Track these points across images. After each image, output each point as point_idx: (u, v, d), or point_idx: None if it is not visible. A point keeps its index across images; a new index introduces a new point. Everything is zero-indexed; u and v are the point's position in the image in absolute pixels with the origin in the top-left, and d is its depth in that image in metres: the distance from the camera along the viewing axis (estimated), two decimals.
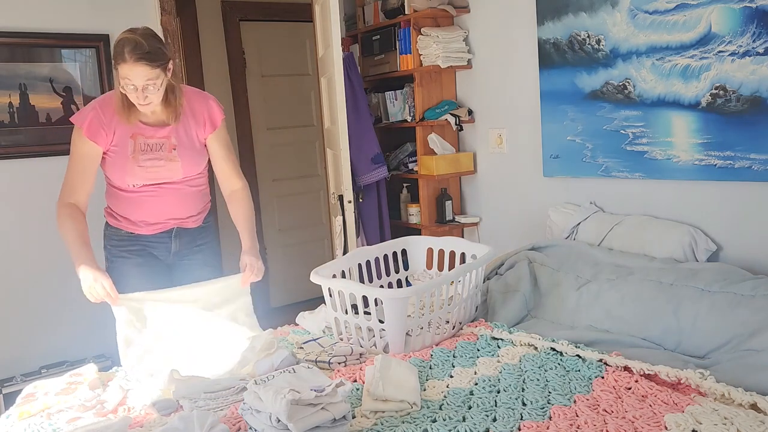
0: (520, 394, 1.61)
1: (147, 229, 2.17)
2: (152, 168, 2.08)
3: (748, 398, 1.49)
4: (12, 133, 2.87)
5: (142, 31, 1.95)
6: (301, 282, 2.71)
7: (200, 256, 2.26)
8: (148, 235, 2.18)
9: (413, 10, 3.28)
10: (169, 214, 2.18)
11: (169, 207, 2.17)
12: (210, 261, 2.30)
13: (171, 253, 2.22)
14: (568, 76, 2.75)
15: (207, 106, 2.16)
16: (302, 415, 1.35)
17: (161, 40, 2.01)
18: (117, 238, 2.18)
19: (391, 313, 1.89)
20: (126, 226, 2.16)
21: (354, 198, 3.07)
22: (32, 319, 2.96)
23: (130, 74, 1.90)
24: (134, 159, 2.05)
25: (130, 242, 2.18)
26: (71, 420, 1.58)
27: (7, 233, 2.89)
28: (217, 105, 2.18)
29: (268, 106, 4.47)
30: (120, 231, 2.18)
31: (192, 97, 2.14)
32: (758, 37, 2.14)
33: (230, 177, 2.23)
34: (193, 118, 2.12)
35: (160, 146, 2.08)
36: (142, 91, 1.93)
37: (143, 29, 1.97)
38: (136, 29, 1.96)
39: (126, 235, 2.17)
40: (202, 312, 1.99)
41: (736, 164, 2.26)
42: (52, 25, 2.93)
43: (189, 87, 2.22)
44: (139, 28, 1.96)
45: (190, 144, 2.12)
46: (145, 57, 1.89)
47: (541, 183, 3.00)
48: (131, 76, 1.90)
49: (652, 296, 2.06)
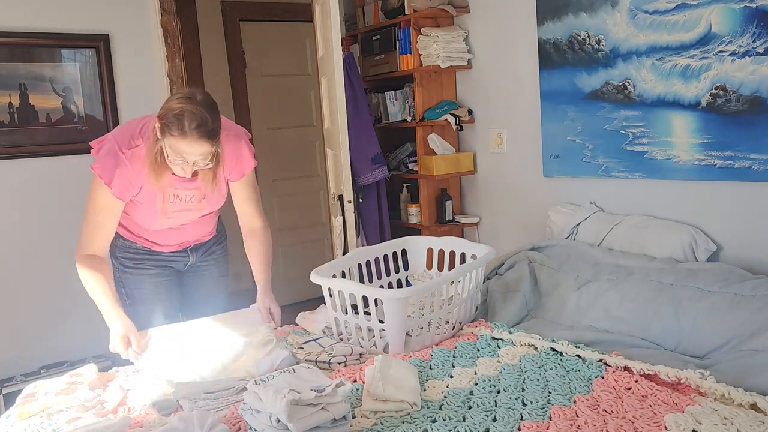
0: (520, 394, 1.61)
1: (166, 248, 2.15)
2: (180, 216, 2.02)
3: (748, 398, 1.48)
4: (12, 133, 2.87)
5: (202, 100, 1.73)
6: (301, 282, 2.71)
7: (212, 261, 2.29)
8: (167, 253, 2.16)
9: (413, 10, 3.28)
10: (188, 237, 2.17)
11: (190, 234, 2.15)
12: (220, 262, 2.32)
13: (187, 265, 2.23)
14: (568, 76, 2.75)
15: (238, 154, 1.98)
16: (302, 415, 1.35)
17: (216, 104, 1.79)
18: (132, 251, 2.12)
19: (391, 313, 1.88)
20: (143, 242, 2.12)
21: (354, 198, 3.07)
22: (32, 319, 2.96)
23: (187, 150, 1.73)
24: (163, 212, 1.95)
25: (147, 256, 2.14)
26: (71, 420, 1.58)
27: (7, 233, 2.89)
28: (249, 152, 2.02)
29: (268, 106, 4.48)
30: (135, 245, 2.12)
31: (224, 141, 1.88)
32: (758, 37, 2.14)
33: (253, 218, 2.13)
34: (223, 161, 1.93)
35: (190, 198, 1.98)
36: (192, 164, 1.78)
37: (202, 96, 1.75)
38: (195, 97, 1.73)
39: (142, 249, 2.13)
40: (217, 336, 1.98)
41: (736, 164, 2.26)
42: (52, 25, 2.93)
43: (227, 125, 1.97)
44: (198, 95, 1.74)
45: (218, 189, 2.01)
46: (208, 135, 1.72)
47: (541, 183, 3.00)
48: (188, 152, 1.73)
49: (652, 296, 2.06)
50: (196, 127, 1.70)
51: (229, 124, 1.98)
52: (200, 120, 1.70)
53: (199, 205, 2.03)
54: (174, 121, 1.70)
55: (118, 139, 1.88)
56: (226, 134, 1.90)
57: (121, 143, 1.86)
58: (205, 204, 2.04)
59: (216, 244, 2.29)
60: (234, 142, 1.98)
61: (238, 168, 2.02)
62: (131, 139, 1.87)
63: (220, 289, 2.34)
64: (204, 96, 1.77)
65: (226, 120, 1.93)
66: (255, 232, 2.15)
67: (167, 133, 1.73)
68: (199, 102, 1.73)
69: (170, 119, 1.71)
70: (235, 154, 1.98)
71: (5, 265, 2.90)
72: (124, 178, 1.85)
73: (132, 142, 1.86)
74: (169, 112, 1.72)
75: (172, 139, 1.72)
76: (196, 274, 2.26)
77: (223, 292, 2.36)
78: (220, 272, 2.32)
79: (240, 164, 2.02)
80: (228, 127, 1.94)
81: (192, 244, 2.20)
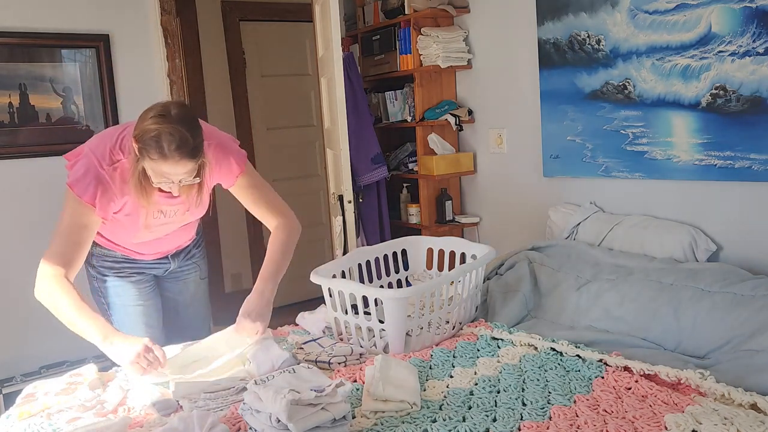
0: (520, 394, 1.61)
1: (147, 257, 2.08)
2: (162, 228, 1.94)
3: (748, 398, 1.49)
4: (12, 133, 2.87)
5: (178, 116, 1.60)
6: (301, 282, 2.71)
7: (192, 264, 2.24)
8: (148, 261, 2.10)
9: (413, 10, 3.28)
10: (170, 246, 2.11)
11: (171, 242, 2.09)
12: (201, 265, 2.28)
13: (168, 271, 2.18)
14: (568, 76, 2.75)
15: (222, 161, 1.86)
16: (302, 415, 1.35)
17: (195, 115, 1.69)
18: (111, 259, 2.02)
19: (391, 313, 1.88)
20: (122, 251, 2.02)
21: (354, 198, 3.07)
22: (32, 319, 2.96)
23: (171, 171, 1.62)
24: (146, 226, 1.86)
25: (127, 264, 2.05)
26: (71, 420, 1.58)
27: (7, 233, 2.89)
28: (236, 159, 1.90)
29: (268, 106, 4.47)
30: (115, 254, 2.02)
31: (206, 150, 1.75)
32: (758, 37, 2.14)
33: (265, 217, 2.02)
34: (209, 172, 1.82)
35: (174, 212, 1.90)
36: (178, 183, 1.68)
37: (177, 111, 1.61)
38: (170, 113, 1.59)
39: (122, 257, 2.04)
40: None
41: (736, 164, 2.26)
42: (52, 25, 2.93)
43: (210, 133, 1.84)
44: (173, 110, 1.61)
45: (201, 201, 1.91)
46: (190, 154, 1.60)
47: (541, 183, 3.00)
48: (171, 174, 1.63)
49: (652, 296, 2.06)
50: (176, 149, 1.58)
51: (211, 133, 1.85)
52: (180, 140, 1.58)
53: (183, 218, 1.96)
54: (152, 144, 1.59)
55: (96, 154, 1.74)
56: (208, 144, 1.77)
57: (101, 159, 1.73)
58: (189, 215, 1.98)
59: (195, 247, 2.24)
60: (216, 152, 1.84)
61: (223, 177, 1.92)
62: (111, 153, 1.74)
63: (202, 291, 2.29)
64: (179, 110, 1.64)
65: (209, 127, 1.84)
66: (273, 231, 2.03)
67: (146, 156, 1.62)
68: (174, 119, 1.60)
69: (147, 142, 1.59)
70: (218, 162, 1.86)
71: (5, 265, 2.90)
72: (106, 197, 1.73)
73: (113, 157, 1.74)
74: (145, 134, 1.59)
75: (152, 162, 1.62)
76: (178, 280, 2.20)
77: (206, 294, 2.32)
78: (201, 275, 2.27)
79: (225, 172, 1.91)
80: (209, 136, 1.80)
81: (173, 251, 2.15)
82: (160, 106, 1.65)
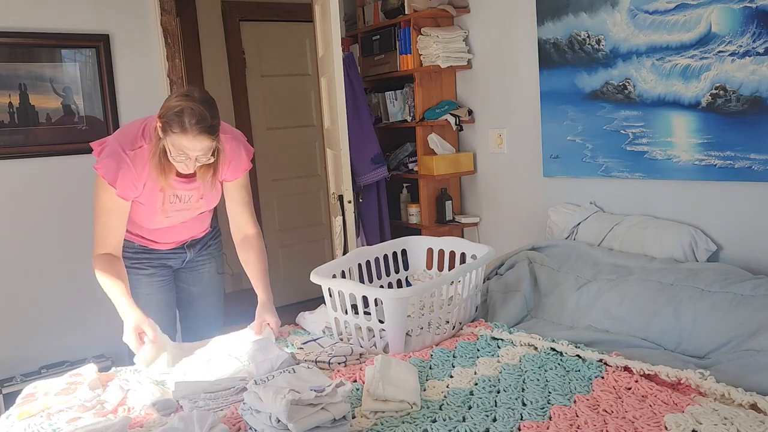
0: (520, 394, 1.61)
1: (163, 246, 2.17)
2: (178, 215, 2.06)
3: (748, 398, 1.49)
4: (12, 133, 2.87)
5: (200, 97, 1.78)
6: (301, 282, 2.71)
7: (208, 256, 2.30)
8: (164, 250, 2.18)
9: (413, 10, 3.28)
10: (185, 235, 2.19)
11: (187, 231, 2.18)
12: (217, 257, 2.33)
13: (185, 261, 2.25)
14: (568, 76, 2.75)
15: (236, 155, 2.02)
16: (302, 416, 1.35)
17: (214, 100, 1.84)
18: (131, 250, 2.12)
19: (391, 313, 1.88)
20: (140, 241, 2.14)
21: (354, 198, 3.07)
22: (32, 319, 2.96)
23: (189, 146, 1.77)
24: (163, 211, 2.00)
25: (145, 255, 2.15)
26: (71, 420, 1.58)
27: (7, 233, 2.89)
28: (246, 155, 2.06)
29: (268, 106, 4.48)
30: (134, 244, 2.13)
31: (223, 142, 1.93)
32: (758, 37, 2.14)
33: (246, 223, 2.13)
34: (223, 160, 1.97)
35: (189, 198, 2.03)
36: (194, 160, 1.82)
37: (200, 94, 1.80)
38: (193, 94, 1.78)
39: (140, 248, 2.15)
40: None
41: (736, 164, 2.26)
42: (52, 25, 2.93)
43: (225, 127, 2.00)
44: (195, 93, 1.80)
45: (215, 188, 2.05)
46: (208, 130, 1.76)
47: (541, 183, 3.00)
48: (189, 148, 1.78)
49: (652, 296, 2.06)
50: (196, 123, 1.74)
51: (225, 127, 2.00)
52: (200, 116, 1.74)
53: (197, 204, 2.07)
54: (174, 119, 1.75)
55: (120, 141, 1.90)
56: (225, 137, 1.94)
57: (124, 144, 1.89)
58: (203, 203, 2.08)
59: (212, 239, 2.31)
60: (232, 143, 2.01)
61: (233, 168, 2.04)
62: (133, 140, 1.90)
63: (217, 284, 2.34)
64: (202, 93, 1.81)
65: (224, 123, 1.97)
66: (249, 240, 2.13)
67: (169, 131, 1.77)
68: (197, 99, 1.77)
69: (171, 117, 1.75)
70: (232, 154, 2.01)
71: (5, 265, 2.90)
72: (128, 179, 1.88)
73: (134, 144, 1.89)
74: (169, 110, 1.76)
75: (173, 136, 1.76)
76: (193, 271, 2.27)
77: (220, 288, 2.37)
78: (217, 268, 2.33)
79: (236, 165, 2.04)
80: (225, 130, 1.97)
81: (188, 240, 2.21)
82: (185, 88, 1.84)
